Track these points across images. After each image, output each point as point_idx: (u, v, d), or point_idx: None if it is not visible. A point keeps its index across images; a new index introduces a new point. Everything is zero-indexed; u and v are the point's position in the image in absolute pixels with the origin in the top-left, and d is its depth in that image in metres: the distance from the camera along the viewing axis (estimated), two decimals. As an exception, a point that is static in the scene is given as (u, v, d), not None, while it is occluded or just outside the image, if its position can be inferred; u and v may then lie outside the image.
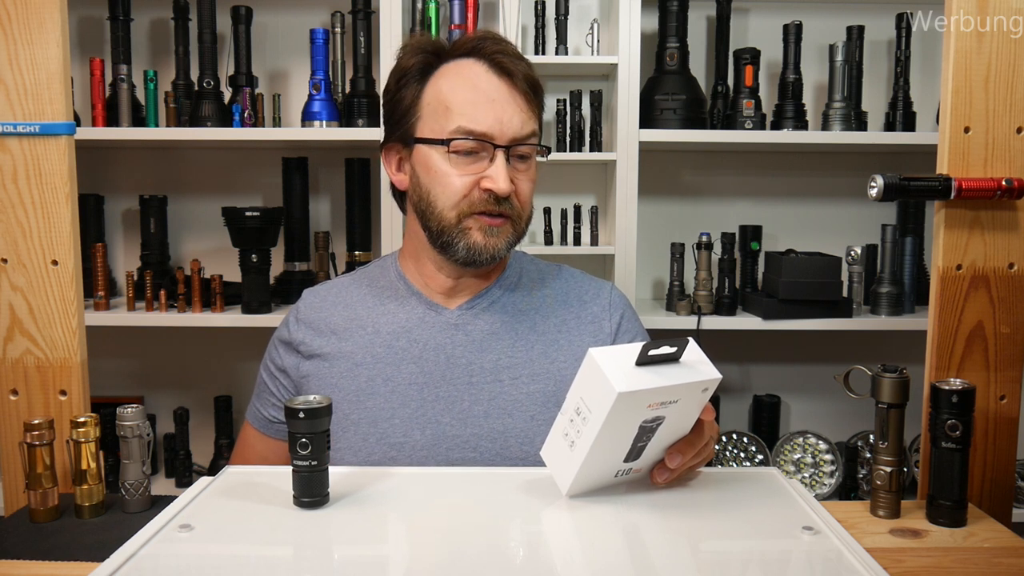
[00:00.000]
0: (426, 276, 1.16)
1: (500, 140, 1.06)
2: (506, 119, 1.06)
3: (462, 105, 1.06)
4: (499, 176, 1.05)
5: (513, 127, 1.07)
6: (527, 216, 1.13)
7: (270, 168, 2.10)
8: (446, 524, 0.84)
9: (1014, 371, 1.08)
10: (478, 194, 1.07)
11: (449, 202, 1.08)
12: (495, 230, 1.08)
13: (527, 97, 1.09)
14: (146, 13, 2.08)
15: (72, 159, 1.09)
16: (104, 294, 1.90)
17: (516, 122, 1.07)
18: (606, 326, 1.18)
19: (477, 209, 1.07)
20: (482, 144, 1.06)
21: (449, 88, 1.08)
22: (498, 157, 1.06)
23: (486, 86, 1.07)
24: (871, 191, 1.05)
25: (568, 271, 1.25)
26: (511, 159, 1.08)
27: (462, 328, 1.14)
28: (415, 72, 1.11)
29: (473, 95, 1.07)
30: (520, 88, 1.08)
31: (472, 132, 1.06)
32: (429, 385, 1.10)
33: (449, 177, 1.07)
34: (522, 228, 1.12)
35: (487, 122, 1.06)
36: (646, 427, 0.85)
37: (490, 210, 1.07)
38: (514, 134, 1.07)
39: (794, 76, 1.96)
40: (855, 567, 0.74)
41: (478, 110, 1.06)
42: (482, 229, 1.08)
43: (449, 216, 1.08)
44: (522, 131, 1.08)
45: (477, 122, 1.06)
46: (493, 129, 1.06)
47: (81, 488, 0.98)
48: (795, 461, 2.07)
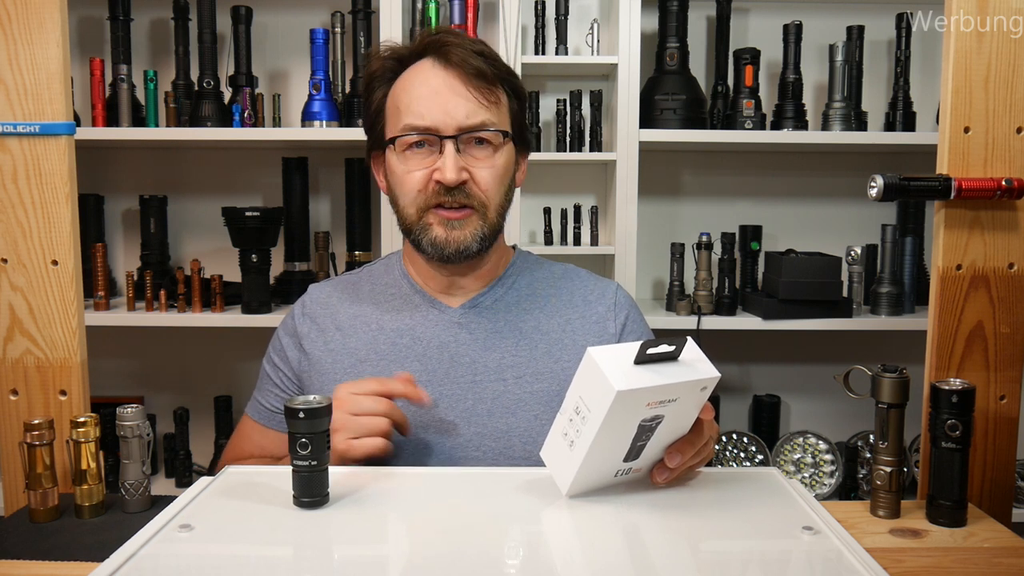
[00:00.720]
0: (423, 275, 1.17)
1: (446, 131, 1.06)
2: (451, 109, 1.06)
3: (409, 103, 1.07)
4: (446, 165, 1.05)
5: (458, 117, 1.06)
6: (496, 205, 1.11)
7: (270, 168, 2.10)
8: (446, 524, 0.84)
9: (1014, 371, 1.08)
10: (432, 187, 1.07)
11: (408, 199, 1.09)
12: (456, 223, 1.08)
13: (474, 85, 1.07)
14: (146, 13, 2.08)
15: (72, 159, 1.09)
16: (104, 294, 1.90)
17: (461, 112, 1.06)
18: (611, 326, 1.17)
19: (432, 202, 1.08)
20: (428, 137, 1.07)
21: (402, 89, 1.10)
22: (446, 147, 1.06)
23: (433, 80, 1.07)
24: (871, 191, 1.05)
25: (574, 270, 1.24)
26: (464, 149, 1.07)
27: (466, 326, 1.14)
28: (382, 78, 1.13)
29: (419, 91, 1.07)
30: (465, 78, 1.07)
31: (416, 127, 1.06)
32: (432, 383, 1.10)
33: (405, 175, 1.08)
34: (493, 218, 1.10)
35: (432, 115, 1.06)
36: (645, 426, 0.85)
37: (444, 202, 1.07)
38: (459, 124, 1.06)
39: (794, 76, 1.97)
40: (855, 567, 0.74)
41: (422, 105, 1.06)
42: (442, 223, 1.08)
43: (410, 212, 1.09)
44: (469, 120, 1.06)
45: (421, 117, 1.06)
46: (437, 121, 1.06)
47: (81, 488, 0.98)
48: (795, 461, 2.07)
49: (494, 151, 1.10)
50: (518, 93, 1.14)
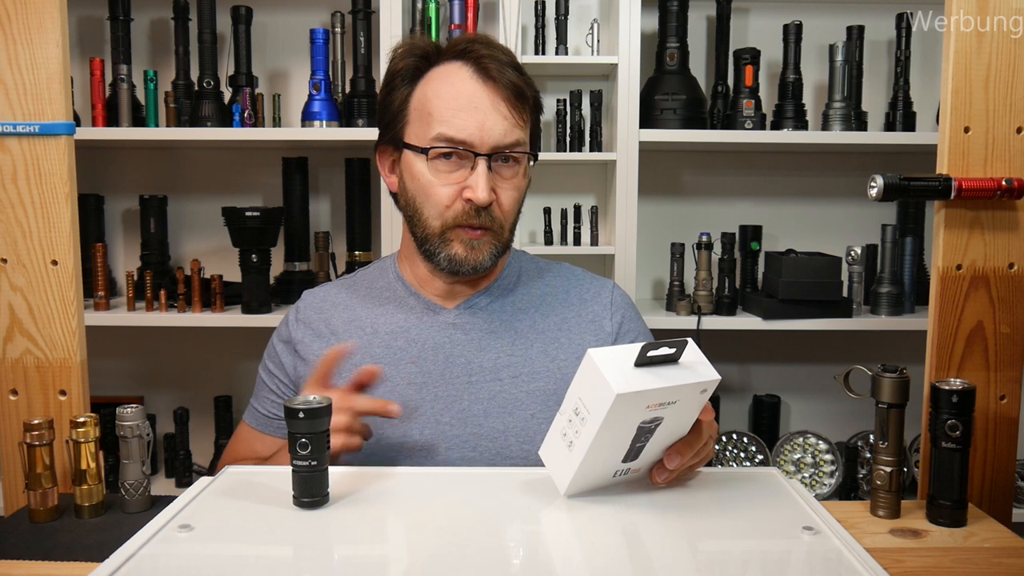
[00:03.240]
0: (421, 279, 1.16)
1: (481, 148, 1.05)
2: (488, 127, 1.04)
3: (443, 112, 1.05)
4: (478, 186, 1.04)
5: (495, 135, 1.05)
6: (510, 225, 1.11)
7: (270, 168, 2.10)
8: (445, 524, 0.84)
9: (1014, 371, 1.08)
10: (460, 205, 1.06)
11: (434, 211, 1.07)
12: (476, 243, 1.07)
13: (511, 104, 1.06)
14: (146, 13, 2.08)
15: (72, 159, 1.09)
16: (104, 294, 1.90)
17: (498, 130, 1.05)
18: (607, 325, 1.17)
19: (461, 222, 1.07)
20: (463, 152, 1.05)
21: (433, 93, 1.07)
22: (479, 165, 1.05)
23: (469, 92, 1.05)
24: (871, 191, 1.05)
25: (568, 269, 1.24)
26: (494, 167, 1.06)
27: (460, 327, 1.13)
28: (406, 74, 1.10)
29: (455, 102, 1.05)
30: (504, 95, 1.06)
31: (452, 140, 1.04)
32: (428, 385, 1.10)
33: (433, 187, 1.07)
34: (505, 238, 1.11)
35: (468, 129, 1.04)
36: (644, 428, 0.85)
37: (471, 223, 1.06)
38: (495, 142, 1.05)
39: (794, 76, 1.97)
40: (855, 567, 0.74)
41: (458, 117, 1.04)
42: (464, 242, 1.07)
43: (434, 225, 1.08)
44: (504, 139, 1.06)
45: (457, 129, 1.04)
46: (473, 137, 1.04)
47: (81, 488, 0.98)
48: (795, 461, 2.07)
49: (518, 171, 1.10)
50: (538, 106, 1.14)
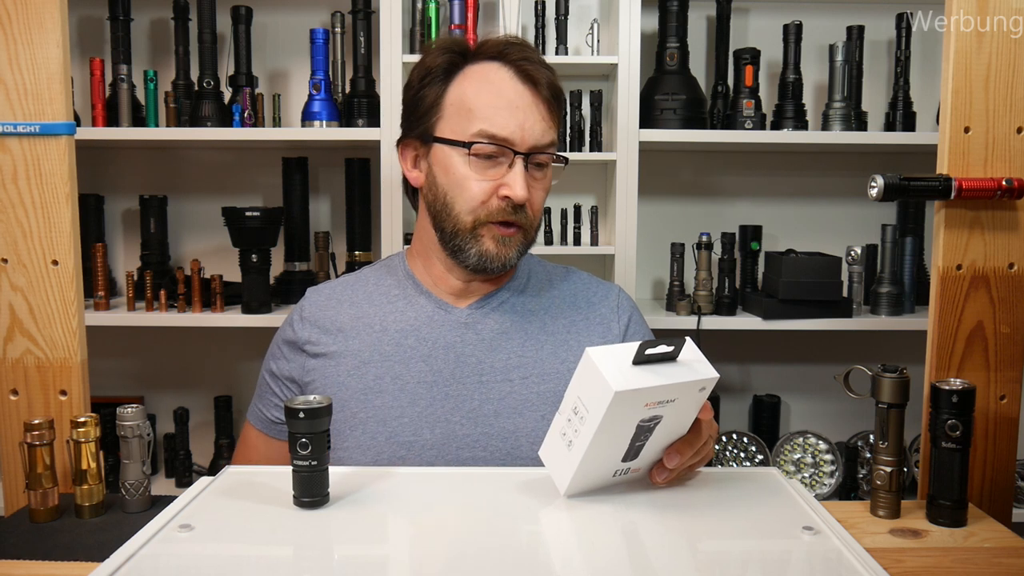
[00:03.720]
0: (435, 276, 1.16)
1: (520, 147, 1.07)
2: (528, 126, 1.07)
3: (485, 109, 1.07)
4: (517, 184, 1.06)
5: (534, 135, 1.07)
6: (537, 224, 1.14)
7: (270, 168, 2.09)
8: (445, 524, 0.84)
9: (1014, 371, 1.08)
10: (496, 202, 1.08)
11: (467, 206, 1.08)
12: (507, 240, 1.09)
13: (549, 106, 1.09)
14: (146, 13, 2.08)
15: (72, 159, 1.09)
16: (104, 294, 1.90)
17: (537, 130, 1.07)
18: (615, 327, 1.18)
19: (494, 218, 1.08)
20: (502, 149, 1.06)
21: (474, 91, 1.09)
22: (517, 164, 1.06)
23: (510, 92, 1.08)
24: (871, 191, 1.05)
25: (576, 273, 1.25)
26: (529, 167, 1.08)
27: (472, 327, 1.14)
28: (440, 71, 1.11)
29: (496, 100, 1.07)
30: (543, 96, 1.09)
31: (494, 137, 1.06)
32: (438, 384, 1.10)
33: (468, 181, 1.08)
34: (532, 236, 1.14)
35: (509, 128, 1.06)
36: (643, 426, 0.85)
37: (506, 219, 1.08)
38: (534, 142, 1.07)
39: (794, 76, 1.96)
40: (855, 567, 0.74)
41: (500, 115, 1.06)
42: (495, 238, 1.09)
43: (465, 220, 1.09)
44: (542, 140, 1.08)
45: (499, 127, 1.06)
46: (514, 135, 1.06)
47: (81, 488, 0.98)
48: (795, 461, 2.07)
49: (547, 172, 1.12)
50: (565, 112, 1.15)
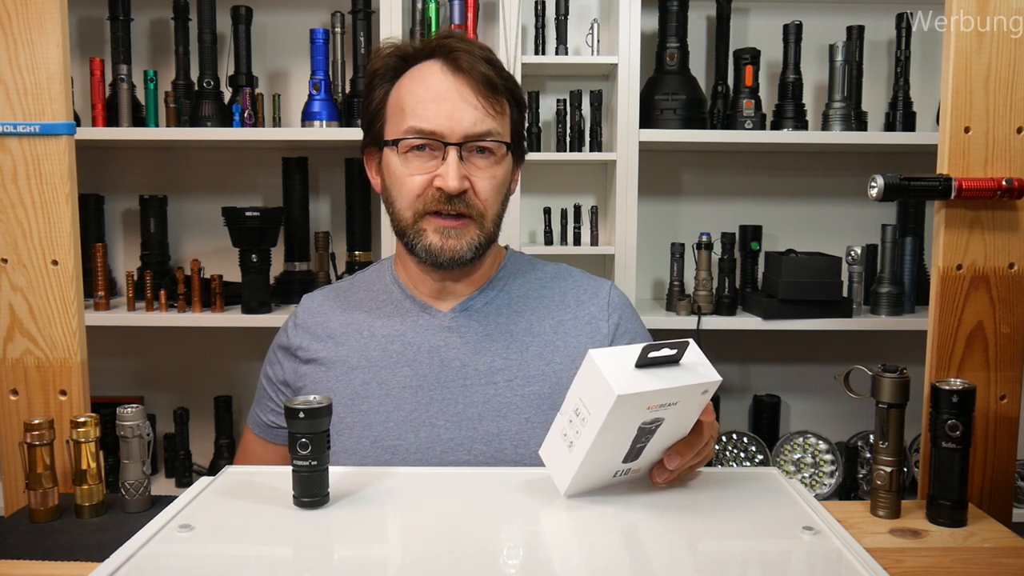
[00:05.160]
0: (414, 279, 1.16)
1: (451, 137, 1.05)
2: (456, 116, 1.05)
3: (414, 105, 1.07)
4: (448, 173, 1.05)
5: (463, 124, 1.05)
6: (493, 215, 1.11)
7: (270, 168, 2.10)
8: (445, 524, 0.84)
9: (1014, 371, 1.08)
10: (432, 193, 1.06)
11: (405, 202, 1.08)
12: (453, 232, 1.07)
13: (481, 94, 1.07)
14: (146, 13, 2.08)
15: (72, 159, 1.09)
16: (104, 294, 1.90)
17: (467, 119, 1.06)
18: (603, 327, 1.16)
19: (431, 208, 1.07)
20: (432, 142, 1.06)
21: (407, 90, 1.09)
22: (449, 154, 1.05)
23: (439, 85, 1.07)
24: (871, 191, 1.05)
25: (567, 270, 1.23)
26: (468, 156, 1.07)
27: (456, 330, 1.13)
28: (384, 74, 1.12)
29: (425, 94, 1.07)
30: (473, 85, 1.07)
31: (421, 131, 1.05)
32: (423, 388, 1.10)
33: (404, 177, 1.07)
34: (489, 228, 1.10)
35: (436, 120, 1.05)
36: (645, 428, 0.85)
37: (443, 209, 1.06)
38: (465, 131, 1.06)
39: (794, 76, 1.96)
40: (855, 567, 0.74)
41: (428, 109, 1.06)
42: (438, 231, 1.07)
43: (406, 216, 1.08)
44: (475, 128, 1.06)
45: (426, 120, 1.05)
46: (442, 127, 1.05)
47: (81, 488, 0.98)
48: (795, 461, 2.07)
49: (495, 161, 1.09)
50: (519, 102, 1.14)
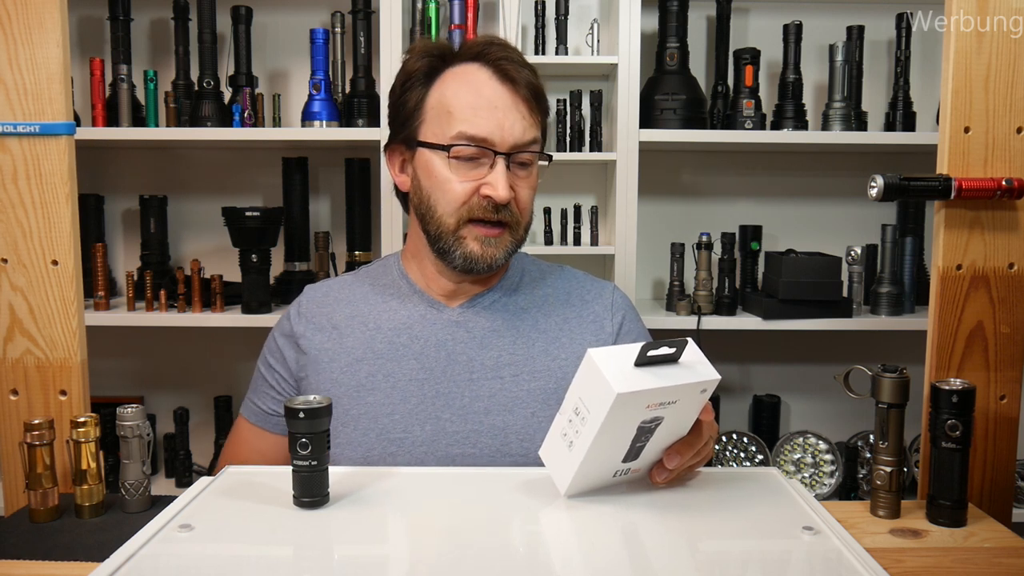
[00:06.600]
0: (428, 277, 1.17)
1: (501, 147, 1.07)
2: (507, 126, 1.07)
3: (464, 110, 1.07)
4: (498, 183, 1.06)
5: (514, 134, 1.07)
6: (526, 223, 1.14)
7: (270, 168, 2.09)
8: (446, 524, 0.84)
9: (1014, 371, 1.08)
10: (477, 200, 1.07)
11: (449, 208, 1.08)
12: (492, 240, 1.09)
13: (529, 104, 1.09)
14: (146, 13, 2.08)
15: (72, 159, 1.09)
16: (104, 294, 1.90)
17: (517, 129, 1.07)
18: (607, 326, 1.18)
19: (476, 216, 1.08)
20: (482, 150, 1.07)
21: (452, 93, 1.09)
22: (498, 164, 1.06)
23: (489, 92, 1.08)
24: (871, 191, 1.05)
25: (569, 271, 1.25)
26: (512, 166, 1.08)
27: (463, 325, 1.14)
28: (420, 75, 1.11)
29: (475, 100, 1.07)
30: (523, 95, 1.09)
31: (473, 138, 1.06)
32: (429, 381, 1.10)
33: (450, 183, 1.08)
34: (521, 235, 1.13)
35: (488, 128, 1.06)
36: (645, 427, 0.85)
37: (488, 218, 1.08)
38: (515, 141, 1.07)
39: (794, 76, 1.96)
40: (855, 567, 0.74)
41: (479, 116, 1.06)
42: (478, 239, 1.08)
43: (448, 222, 1.09)
44: (523, 138, 1.08)
45: (478, 128, 1.06)
46: (494, 135, 1.06)
47: (81, 488, 0.98)
48: (795, 461, 2.07)
49: (532, 170, 1.12)
50: (547, 110, 1.15)
